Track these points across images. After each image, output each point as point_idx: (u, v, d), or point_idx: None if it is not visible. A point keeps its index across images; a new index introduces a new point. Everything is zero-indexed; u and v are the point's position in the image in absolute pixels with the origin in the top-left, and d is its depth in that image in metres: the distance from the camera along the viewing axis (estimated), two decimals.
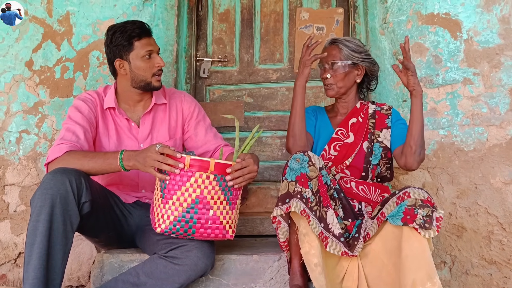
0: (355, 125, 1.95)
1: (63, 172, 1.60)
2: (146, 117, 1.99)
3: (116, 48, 1.88)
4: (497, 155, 2.22)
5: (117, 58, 1.89)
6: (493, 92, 2.26)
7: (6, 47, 2.57)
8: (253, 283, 1.84)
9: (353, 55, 1.91)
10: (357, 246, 1.65)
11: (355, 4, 2.54)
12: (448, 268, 2.24)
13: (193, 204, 1.58)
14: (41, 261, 1.51)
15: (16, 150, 2.51)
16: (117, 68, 1.92)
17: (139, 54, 1.87)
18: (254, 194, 2.65)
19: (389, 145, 1.89)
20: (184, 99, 2.08)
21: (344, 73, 1.91)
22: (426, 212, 1.52)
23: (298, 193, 1.61)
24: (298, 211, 1.59)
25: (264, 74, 2.70)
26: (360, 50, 1.93)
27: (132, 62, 1.88)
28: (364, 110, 1.97)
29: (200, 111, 2.09)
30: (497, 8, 2.29)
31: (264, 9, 2.74)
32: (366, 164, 1.86)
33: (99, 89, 2.02)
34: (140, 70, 1.89)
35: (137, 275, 1.68)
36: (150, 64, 1.89)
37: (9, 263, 2.46)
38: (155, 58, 1.90)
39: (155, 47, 1.92)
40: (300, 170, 1.64)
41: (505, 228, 2.18)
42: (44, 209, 1.54)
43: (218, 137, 2.06)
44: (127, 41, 1.86)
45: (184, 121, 2.06)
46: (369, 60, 1.95)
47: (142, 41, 1.88)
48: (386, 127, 1.92)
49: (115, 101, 1.96)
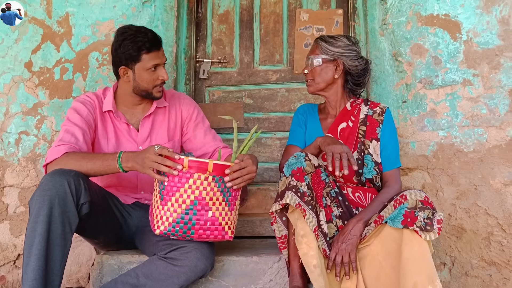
0: (345, 131, 1.91)
1: (61, 173, 1.60)
2: (146, 120, 1.99)
3: (123, 55, 1.86)
4: (496, 156, 2.22)
5: (123, 65, 1.88)
6: (493, 93, 2.26)
7: (6, 48, 2.57)
8: (253, 285, 1.84)
9: (329, 49, 1.89)
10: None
11: (354, 5, 2.54)
12: (447, 269, 2.24)
13: (192, 205, 1.58)
14: (40, 262, 1.51)
15: (16, 151, 2.50)
16: (120, 75, 1.92)
17: (145, 66, 1.87)
18: (254, 195, 2.65)
19: (379, 160, 1.86)
20: (183, 101, 2.08)
21: (320, 68, 1.90)
22: (426, 214, 1.51)
23: (293, 187, 1.62)
24: (294, 204, 1.59)
25: (263, 75, 2.70)
26: (340, 44, 1.90)
27: (137, 72, 1.88)
28: (355, 112, 1.93)
29: (199, 113, 2.09)
30: (497, 9, 2.29)
31: (264, 10, 2.74)
32: (358, 177, 1.82)
33: (98, 91, 2.01)
34: (143, 81, 1.89)
35: (137, 276, 1.68)
36: (154, 77, 1.89)
37: (8, 264, 2.46)
38: (160, 70, 1.90)
39: (162, 60, 1.91)
40: (297, 164, 1.65)
41: (505, 229, 2.18)
42: (43, 210, 1.54)
43: (217, 139, 2.06)
44: (136, 52, 1.85)
45: (183, 123, 2.06)
46: (348, 54, 1.90)
47: (150, 55, 1.86)
48: (376, 138, 1.87)
49: (113, 105, 1.96)
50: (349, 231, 1.67)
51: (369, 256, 1.66)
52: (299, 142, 1.96)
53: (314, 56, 1.91)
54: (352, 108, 1.94)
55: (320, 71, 1.91)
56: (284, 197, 1.61)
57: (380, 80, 2.38)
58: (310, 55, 1.93)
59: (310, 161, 1.68)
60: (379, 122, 1.90)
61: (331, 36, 1.95)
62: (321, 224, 1.67)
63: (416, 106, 2.32)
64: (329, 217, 1.75)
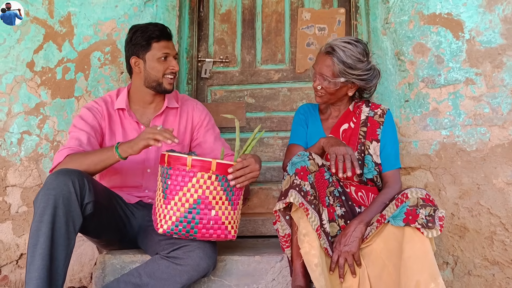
0: (347, 132, 1.90)
1: (65, 173, 1.61)
2: (157, 119, 2.01)
3: (134, 46, 1.94)
4: (499, 155, 2.21)
5: (134, 56, 1.95)
6: (496, 92, 2.25)
7: (8, 48, 2.57)
8: (255, 284, 1.84)
9: (347, 72, 1.78)
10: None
11: (356, 4, 2.53)
12: (450, 268, 2.23)
13: (195, 204, 1.58)
14: (44, 261, 1.51)
15: (18, 151, 2.51)
16: (132, 66, 1.97)
17: (156, 55, 1.92)
18: (256, 195, 2.65)
19: (379, 160, 1.85)
20: (196, 107, 2.11)
21: (335, 89, 1.83)
22: (428, 212, 1.51)
23: (296, 185, 1.62)
24: (297, 203, 1.59)
25: (265, 75, 2.70)
26: (358, 66, 1.78)
27: (148, 62, 1.93)
28: (357, 114, 1.93)
29: (210, 120, 2.12)
30: (499, 8, 2.28)
31: (266, 9, 2.74)
32: (359, 176, 1.82)
33: (111, 93, 2.06)
34: (153, 70, 1.93)
35: (139, 275, 1.68)
36: (164, 66, 1.94)
37: (10, 264, 2.46)
38: (171, 61, 1.95)
39: (173, 51, 1.97)
40: (300, 163, 1.65)
41: (508, 229, 2.17)
42: (47, 210, 1.54)
43: (226, 146, 2.08)
44: (145, 41, 1.92)
45: (194, 129, 2.08)
46: (365, 78, 1.82)
47: (160, 43, 1.93)
48: (376, 139, 1.86)
49: (126, 103, 1.99)
50: (350, 233, 1.67)
51: (372, 255, 1.66)
52: (301, 141, 1.96)
53: (330, 78, 1.80)
54: (354, 109, 1.94)
55: (335, 91, 1.84)
56: (288, 196, 1.61)
57: (383, 79, 2.37)
58: (325, 73, 1.80)
59: (314, 160, 1.68)
60: (379, 124, 1.89)
61: (346, 48, 1.78)
62: (323, 223, 1.68)
63: (419, 105, 2.32)
64: (331, 216, 1.75)
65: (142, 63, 1.94)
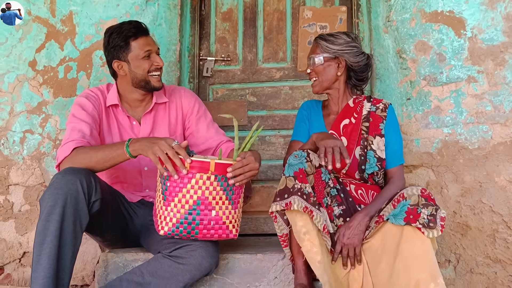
0: (348, 127, 1.90)
1: (73, 172, 1.60)
2: (147, 116, 1.99)
3: (113, 49, 1.87)
4: (501, 153, 2.21)
5: (115, 59, 1.89)
6: (498, 90, 2.25)
7: (10, 47, 2.58)
8: (258, 282, 1.84)
9: (330, 48, 1.89)
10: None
11: (358, 2, 2.53)
12: (452, 266, 2.23)
13: (195, 205, 1.58)
14: (51, 260, 1.51)
15: (20, 150, 2.51)
16: (116, 70, 1.91)
17: (139, 55, 1.87)
18: (258, 193, 2.65)
19: (383, 155, 1.84)
20: (183, 95, 2.06)
21: (322, 66, 1.90)
22: (430, 211, 1.51)
23: (298, 190, 1.60)
24: (300, 209, 1.58)
25: (267, 73, 2.70)
26: (340, 42, 1.90)
27: (132, 62, 1.88)
28: (358, 109, 1.93)
29: (201, 106, 2.06)
30: (501, 5, 2.27)
31: (267, 8, 2.74)
32: (361, 173, 1.82)
33: (101, 87, 2.01)
34: (139, 69, 1.88)
35: (142, 274, 1.68)
36: (148, 64, 1.89)
37: (13, 262, 2.47)
38: (154, 58, 1.90)
39: (154, 47, 1.91)
40: (298, 165, 1.64)
41: (510, 227, 2.17)
42: (55, 209, 1.53)
43: (220, 133, 2.04)
44: (123, 41, 1.86)
45: (184, 117, 2.04)
46: (349, 51, 1.90)
47: (139, 41, 1.87)
48: (380, 134, 1.86)
49: (118, 99, 1.95)
50: (355, 226, 1.68)
51: (371, 249, 1.66)
52: (303, 137, 1.96)
53: (316, 55, 1.91)
54: (355, 105, 1.94)
55: (323, 69, 1.91)
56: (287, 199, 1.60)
57: (384, 77, 2.37)
58: (312, 55, 1.93)
59: (311, 162, 1.67)
60: (382, 118, 1.89)
61: (331, 34, 1.95)
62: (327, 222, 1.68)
63: (420, 103, 2.32)
64: (330, 217, 1.75)
65: (126, 65, 1.89)
